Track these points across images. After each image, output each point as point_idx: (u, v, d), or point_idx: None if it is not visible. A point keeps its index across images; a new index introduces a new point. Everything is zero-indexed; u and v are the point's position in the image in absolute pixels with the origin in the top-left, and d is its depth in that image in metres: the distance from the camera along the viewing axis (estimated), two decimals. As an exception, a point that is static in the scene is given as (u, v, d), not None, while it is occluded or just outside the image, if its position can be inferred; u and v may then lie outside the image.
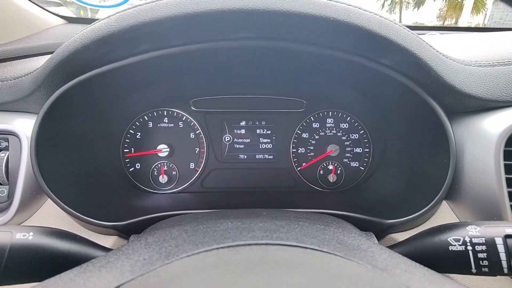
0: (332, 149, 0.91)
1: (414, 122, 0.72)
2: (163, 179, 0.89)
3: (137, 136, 0.89)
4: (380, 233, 0.66)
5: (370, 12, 0.52)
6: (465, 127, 0.65)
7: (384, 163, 0.87)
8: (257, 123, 0.92)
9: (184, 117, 0.90)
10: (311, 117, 0.92)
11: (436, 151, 0.66)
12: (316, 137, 0.92)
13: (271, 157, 0.93)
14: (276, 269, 0.23)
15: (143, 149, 0.89)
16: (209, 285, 0.22)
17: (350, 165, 0.92)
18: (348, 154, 0.92)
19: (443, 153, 0.63)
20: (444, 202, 0.67)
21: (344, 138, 0.92)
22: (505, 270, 0.42)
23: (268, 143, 0.93)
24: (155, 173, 0.90)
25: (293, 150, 0.92)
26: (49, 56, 0.68)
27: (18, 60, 0.81)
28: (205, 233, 0.34)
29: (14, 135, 0.65)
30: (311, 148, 0.92)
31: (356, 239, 0.40)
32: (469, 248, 0.43)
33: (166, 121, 0.90)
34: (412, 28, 1.23)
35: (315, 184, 0.92)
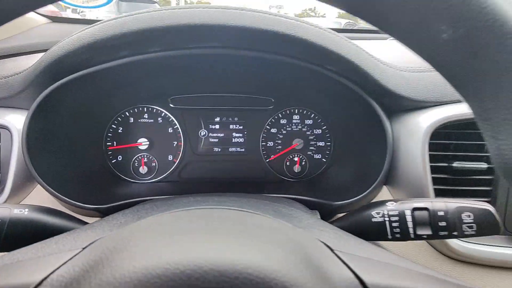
0: (297, 143, 1.01)
1: (361, 120, 0.83)
2: (143, 170, 0.97)
3: (119, 131, 0.97)
4: (329, 213, 0.77)
5: (315, 27, 0.62)
6: (401, 124, 0.76)
7: (342, 155, 0.98)
8: (230, 119, 1.02)
9: (163, 113, 0.98)
10: (279, 114, 1.02)
11: (377, 144, 0.77)
12: (284, 132, 1.02)
13: (243, 150, 1.02)
14: (211, 221, 0.33)
15: (125, 142, 0.96)
16: (166, 231, 0.32)
17: (314, 157, 1.03)
18: (311, 147, 1.03)
19: (383, 145, 0.74)
20: (384, 187, 0.79)
21: (308, 133, 1.03)
22: (412, 236, 0.54)
23: (240, 137, 1.02)
24: (136, 164, 0.98)
25: (262, 143, 1.02)
26: (36, 54, 0.75)
27: (5, 59, 0.87)
28: (170, 205, 0.44)
29: (5, 128, 0.72)
30: (279, 142, 1.02)
31: (294, 211, 0.50)
32: (386, 219, 0.55)
33: (146, 117, 0.98)
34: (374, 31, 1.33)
35: (282, 174, 1.03)
